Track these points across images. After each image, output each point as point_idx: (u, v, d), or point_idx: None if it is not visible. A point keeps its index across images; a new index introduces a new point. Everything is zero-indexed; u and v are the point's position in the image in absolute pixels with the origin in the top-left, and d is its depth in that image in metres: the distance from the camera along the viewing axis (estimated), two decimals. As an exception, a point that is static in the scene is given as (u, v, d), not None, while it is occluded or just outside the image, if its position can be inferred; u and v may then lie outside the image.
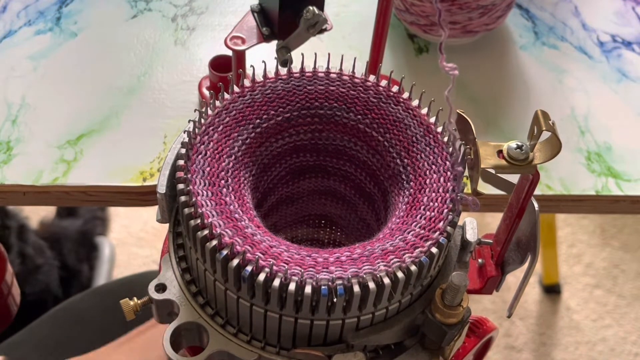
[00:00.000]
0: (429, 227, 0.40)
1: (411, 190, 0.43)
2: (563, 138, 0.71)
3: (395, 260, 0.38)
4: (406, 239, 0.40)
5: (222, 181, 0.41)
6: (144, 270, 0.89)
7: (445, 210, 0.40)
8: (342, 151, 0.47)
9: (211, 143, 0.42)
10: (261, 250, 0.38)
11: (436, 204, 0.41)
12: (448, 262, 0.44)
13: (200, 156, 0.42)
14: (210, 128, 0.43)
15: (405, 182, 0.43)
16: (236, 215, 0.40)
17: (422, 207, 0.41)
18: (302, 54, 0.48)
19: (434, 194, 0.41)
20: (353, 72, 0.46)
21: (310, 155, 0.48)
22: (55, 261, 1.16)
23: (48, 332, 0.77)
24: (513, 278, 1.48)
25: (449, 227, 0.40)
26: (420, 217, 0.41)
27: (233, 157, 0.43)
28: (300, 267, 0.38)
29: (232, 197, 0.41)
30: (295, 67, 0.46)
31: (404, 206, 0.42)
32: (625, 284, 1.48)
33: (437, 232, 0.39)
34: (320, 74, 0.46)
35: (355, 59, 0.46)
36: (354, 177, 0.49)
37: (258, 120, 0.45)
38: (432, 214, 0.40)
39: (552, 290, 1.45)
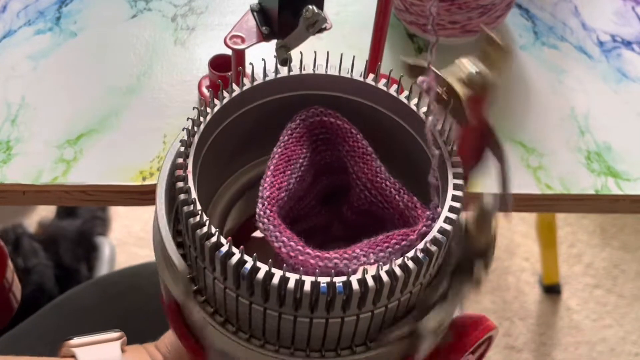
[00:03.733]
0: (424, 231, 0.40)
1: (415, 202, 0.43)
2: (563, 138, 0.72)
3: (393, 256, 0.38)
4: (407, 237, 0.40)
5: None
6: (145, 261, 0.88)
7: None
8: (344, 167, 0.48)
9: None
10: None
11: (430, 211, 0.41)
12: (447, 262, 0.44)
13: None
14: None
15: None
16: None
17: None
18: (301, 52, 0.48)
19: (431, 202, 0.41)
20: (351, 73, 0.46)
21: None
22: (49, 261, 1.16)
23: (52, 322, 0.77)
24: (513, 278, 1.48)
25: (447, 226, 0.40)
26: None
27: None
28: None
29: None
30: (295, 66, 0.46)
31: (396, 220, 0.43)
32: (625, 284, 1.48)
33: (435, 232, 0.39)
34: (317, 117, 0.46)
35: (354, 57, 0.46)
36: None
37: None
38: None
39: (552, 290, 1.45)
